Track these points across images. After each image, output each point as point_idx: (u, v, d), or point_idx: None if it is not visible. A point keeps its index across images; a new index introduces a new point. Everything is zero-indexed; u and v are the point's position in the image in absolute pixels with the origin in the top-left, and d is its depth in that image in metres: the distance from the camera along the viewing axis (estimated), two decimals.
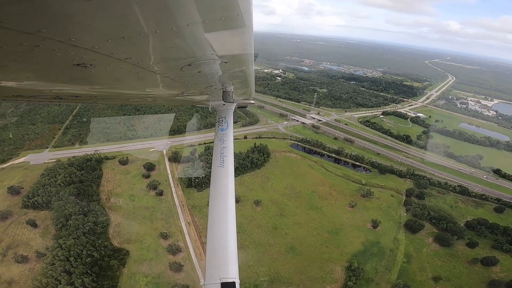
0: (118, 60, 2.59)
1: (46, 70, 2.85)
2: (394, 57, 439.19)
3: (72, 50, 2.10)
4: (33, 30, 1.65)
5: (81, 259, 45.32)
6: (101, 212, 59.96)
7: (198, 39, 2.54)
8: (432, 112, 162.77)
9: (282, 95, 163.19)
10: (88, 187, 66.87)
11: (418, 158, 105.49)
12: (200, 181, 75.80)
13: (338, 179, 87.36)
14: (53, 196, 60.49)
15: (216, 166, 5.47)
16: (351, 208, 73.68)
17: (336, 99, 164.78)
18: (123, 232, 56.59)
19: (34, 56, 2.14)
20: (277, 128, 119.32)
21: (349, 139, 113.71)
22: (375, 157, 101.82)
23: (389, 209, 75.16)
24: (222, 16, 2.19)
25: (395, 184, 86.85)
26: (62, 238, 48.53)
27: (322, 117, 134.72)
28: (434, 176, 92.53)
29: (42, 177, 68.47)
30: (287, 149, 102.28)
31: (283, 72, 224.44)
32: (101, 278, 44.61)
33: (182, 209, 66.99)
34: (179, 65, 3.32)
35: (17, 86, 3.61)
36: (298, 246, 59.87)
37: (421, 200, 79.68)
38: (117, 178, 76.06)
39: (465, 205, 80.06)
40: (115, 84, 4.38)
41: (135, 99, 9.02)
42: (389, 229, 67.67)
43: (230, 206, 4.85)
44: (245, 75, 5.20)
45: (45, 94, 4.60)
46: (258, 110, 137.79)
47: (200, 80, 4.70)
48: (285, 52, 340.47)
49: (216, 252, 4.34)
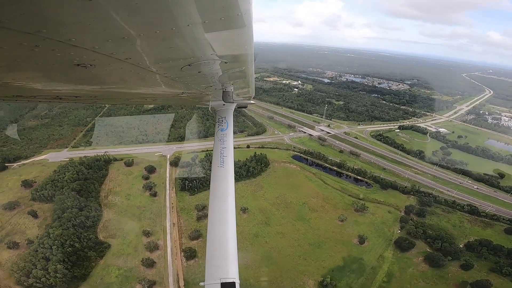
0: (118, 60, 2.62)
1: (46, 70, 2.88)
2: (428, 70, 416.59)
3: (72, 50, 2.13)
4: (33, 30, 1.66)
5: (63, 248, 50.19)
6: (96, 207, 65.57)
7: (198, 39, 2.56)
8: (457, 127, 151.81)
9: (296, 106, 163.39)
10: (91, 185, 73.40)
11: (429, 175, 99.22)
12: (193, 185, 79.16)
13: (334, 192, 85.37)
14: (57, 191, 67.50)
15: (216, 166, 5.44)
16: (341, 222, 71.57)
17: (351, 111, 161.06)
18: (110, 227, 61.25)
19: (34, 56, 2.16)
20: (282, 139, 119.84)
21: (355, 152, 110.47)
22: (380, 171, 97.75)
23: (383, 225, 71.71)
24: (222, 16, 2.21)
25: (395, 200, 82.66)
26: (53, 228, 54.27)
27: (332, 130, 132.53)
28: (443, 194, 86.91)
29: (54, 173, 76.53)
30: (288, 160, 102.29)
31: (301, 83, 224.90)
32: (76, 267, 48.88)
33: (171, 210, 70.42)
34: (179, 65, 3.34)
35: (17, 86, 3.62)
36: (275, 255, 59.66)
37: (421, 218, 75.12)
38: (120, 178, 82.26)
39: (472, 225, 73.91)
40: (115, 84, 4.42)
41: (135, 99, 8.96)
42: (377, 245, 64.56)
43: (230, 206, 4.83)
44: (245, 75, 5.21)
45: (45, 94, 4.63)
46: (267, 120, 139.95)
47: (200, 80, 4.72)
48: (308, 64, 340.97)
49: (216, 252, 4.34)
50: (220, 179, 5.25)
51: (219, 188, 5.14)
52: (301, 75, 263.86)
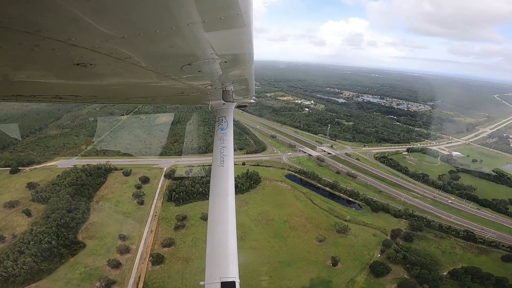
0: (118, 59, 2.64)
1: (46, 70, 2.93)
2: (457, 90, 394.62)
3: (72, 49, 2.14)
4: (33, 30, 1.67)
5: (39, 244, 55.03)
6: (84, 211, 70.87)
7: (198, 38, 2.56)
8: (474, 150, 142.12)
9: (302, 126, 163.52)
10: (86, 190, 79.64)
11: (429, 199, 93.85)
12: (180, 197, 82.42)
13: (320, 212, 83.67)
14: (54, 193, 74.28)
15: (216, 165, 5.43)
16: (319, 242, 69.80)
17: (359, 132, 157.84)
18: (91, 229, 65.80)
19: (34, 56, 2.18)
20: (280, 158, 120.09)
21: (352, 174, 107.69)
22: (375, 194, 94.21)
23: (363, 248, 68.69)
24: (222, 15, 2.21)
25: (384, 224, 79.04)
26: (37, 226, 59.91)
27: (333, 150, 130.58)
28: (439, 219, 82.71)
29: (57, 178, 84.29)
30: (280, 179, 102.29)
31: (314, 103, 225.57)
32: (45, 262, 53.09)
33: (153, 218, 73.80)
34: (179, 65, 3.35)
35: (17, 86, 3.65)
36: (240, 270, 59.24)
37: (408, 243, 71.10)
38: (115, 186, 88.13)
39: (464, 251, 69.09)
40: (115, 84, 4.45)
41: (134, 98, 9.07)
42: (351, 269, 61.87)
43: (230, 205, 4.83)
44: (245, 74, 5.23)
45: (45, 93, 4.66)
46: (269, 139, 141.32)
47: (200, 79, 4.73)
48: (326, 84, 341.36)
49: (216, 252, 4.34)
50: (220, 178, 5.23)
51: (219, 187, 5.12)
52: (316, 95, 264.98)
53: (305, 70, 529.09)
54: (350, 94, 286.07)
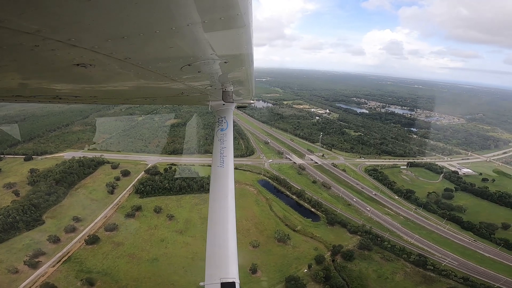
0: (118, 60, 2.66)
1: (46, 70, 2.93)
2: (506, 104, 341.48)
3: (72, 50, 2.15)
4: (33, 30, 1.68)
5: (6, 218, 67.10)
6: (60, 195, 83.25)
7: (198, 39, 2.56)
8: (493, 168, 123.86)
9: (302, 134, 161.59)
10: (71, 178, 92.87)
11: (401, 217, 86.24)
12: (145, 190, 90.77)
13: (273, 219, 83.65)
14: (44, 179, 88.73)
15: (216, 166, 5.42)
16: (253, 248, 70.43)
17: (362, 143, 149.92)
18: (57, 211, 77.27)
19: (34, 56, 2.20)
20: (262, 163, 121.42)
21: (327, 184, 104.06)
22: (341, 206, 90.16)
23: (294, 261, 67.27)
24: (222, 16, 2.21)
25: (335, 238, 75.76)
26: (12, 202, 73.14)
27: (321, 160, 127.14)
28: (399, 239, 76.27)
29: (55, 166, 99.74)
30: (251, 183, 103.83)
31: (328, 112, 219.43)
32: (3, 232, 64.43)
33: (113, 206, 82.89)
34: (179, 65, 3.36)
35: (17, 86, 3.64)
36: (164, 260, 64.07)
37: (346, 262, 67.17)
38: (99, 176, 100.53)
39: (405, 278, 63.01)
40: (114, 84, 4.46)
41: (134, 99, 9.13)
42: (268, 279, 61.16)
43: (230, 206, 4.82)
44: (245, 75, 5.19)
45: (45, 94, 4.67)
46: (261, 145, 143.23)
47: (199, 80, 4.72)
48: (354, 94, 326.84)
49: (216, 252, 4.35)
50: (221, 178, 5.23)
51: (219, 187, 5.11)
52: (336, 104, 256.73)
53: (337, 80, 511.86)
54: (376, 104, 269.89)
